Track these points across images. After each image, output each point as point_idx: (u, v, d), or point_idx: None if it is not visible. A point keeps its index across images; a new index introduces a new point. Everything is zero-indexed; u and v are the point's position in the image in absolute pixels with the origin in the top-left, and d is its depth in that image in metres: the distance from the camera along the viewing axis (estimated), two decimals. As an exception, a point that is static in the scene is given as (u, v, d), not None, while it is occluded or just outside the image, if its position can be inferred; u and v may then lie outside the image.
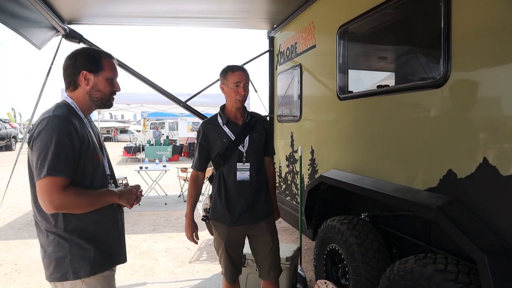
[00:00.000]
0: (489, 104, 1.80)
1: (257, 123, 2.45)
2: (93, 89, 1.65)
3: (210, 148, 2.40)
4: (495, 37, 1.75)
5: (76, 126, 1.54)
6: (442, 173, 2.04)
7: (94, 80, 1.64)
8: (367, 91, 2.93)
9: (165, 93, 4.86)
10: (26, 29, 3.62)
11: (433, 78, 2.17)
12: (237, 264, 2.49)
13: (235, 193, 2.36)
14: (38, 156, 1.46)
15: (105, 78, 1.66)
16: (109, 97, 1.71)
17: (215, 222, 2.43)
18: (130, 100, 9.69)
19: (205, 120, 2.50)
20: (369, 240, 2.66)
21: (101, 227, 1.63)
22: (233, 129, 2.38)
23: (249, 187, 2.37)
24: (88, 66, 1.63)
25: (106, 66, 1.67)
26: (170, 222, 6.28)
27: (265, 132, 2.49)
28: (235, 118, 2.42)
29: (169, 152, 16.36)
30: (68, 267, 1.54)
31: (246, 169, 2.36)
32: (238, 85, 2.32)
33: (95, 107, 1.72)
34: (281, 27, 4.69)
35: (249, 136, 2.39)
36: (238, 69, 2.36)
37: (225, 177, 2.37)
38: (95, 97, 1.67)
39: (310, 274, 3.83)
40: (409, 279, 1.99)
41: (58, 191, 1.44)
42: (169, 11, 4.40)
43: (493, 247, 1.68)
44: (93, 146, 1.62)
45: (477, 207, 1.84)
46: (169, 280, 3.90)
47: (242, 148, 2.36)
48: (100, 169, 1.65)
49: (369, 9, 2.65)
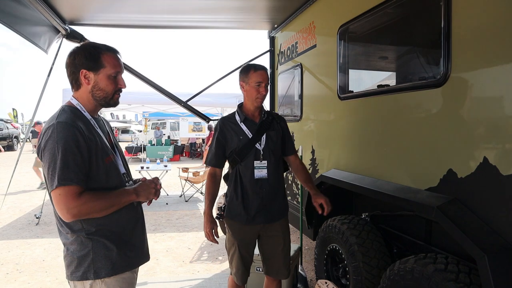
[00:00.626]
0: (490, 104, 1.79)
1: (274, 121, 2.45)
2: (95, 88, 1.58)
3: (226, 144, 2.39)
4: (496, 37, 1.74)
5: (82, 129, 1.50)
6: (442, 172, 2.03)
7: (95, 78, 1.57)
8: (368, 90, 2.93)
9: (166, 93, 4.87)
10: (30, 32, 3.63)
11: (433, 77, 2.17)
12: (248, 264, 2.48)
13: (251, 191, 2.34)
14: (48, 167, 1.43)
15: (106, 75, 1.58)
16: (113, 95, 1.63)
17: (229, 221, 2.42)
18: (131, 100, 9.70)
19: (223, 117, 2.49)
20: (370, 240, 2.66)
21: (124, 226, 1.61)
22: (250, 126, 2.38)
23: (266, 185, 2.35)
24: (87, 64, 1.55)
25: (107, 63, 1.57)
26: (171, 222, 6.29)
27: (282, 130, 2.48)
28: (252, 116, 2.42)
29: (170, 152, 16.37)
30: (90, 266, 1.52)
31: (263, 167, 2.35)
32: (260, 84, 2.32)
33: (100, 106, 1.64)
34: (282, 27, 4.69)
35: (266, 134, 2.39)
36: (260, 69, 2.35)
37: (241, 175, 2.36)
38: (98, 97, 1.60)
39: (310, 274, 3.83)
40: (410, 279, 1.99)
41: (73, 199, 1.42)
42: (170, 12, 4.40)
43: (493, 247, 1.68)
44: (103, 147, 1.58)
45: (477, 206, 1.84)
46: (169, 280, 3.90)
47: (259, 146, 2.36)
48: (114, 169, 1.61)
49: (369, 8, 2.65)
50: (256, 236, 2.46)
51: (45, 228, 5.86)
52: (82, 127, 1.51)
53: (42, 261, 4.44)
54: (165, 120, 20.71)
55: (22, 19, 3.39)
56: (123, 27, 5.00)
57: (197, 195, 8.32)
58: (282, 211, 2.46)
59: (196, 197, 8.25)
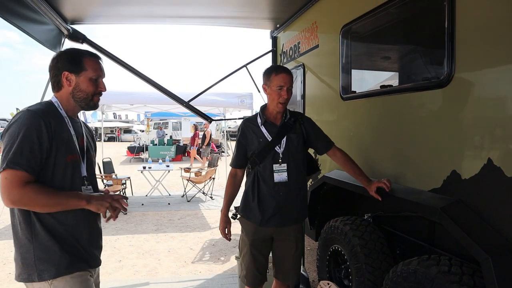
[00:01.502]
0: (494, 104, 1.78)
1: (296, 123, 2.39)
2: (75, 90, 1.66)
3: (247, 146, 2.39)
4: (500, 37, 1.73)
5: (50, 123, 1.53)
6: (446, 173, 2.02)
7: (76, 80, 1.65)
8: (370, 91, 2.91)
9: (168, 93, 4.86)
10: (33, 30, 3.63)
11: (437, 78, 2.15)
12: (260, 267, 2.44)
13: (268, 194, 2.33)
14: (4, 149, 1.46)
15: (87, 78, 1.67)
16: (92, 97, 1.70)
17: (244, 220, 2.43)
18: (133, 100, 9.70)
19: (246, 118, 2.49)
20: (372, 241, 2.65)
21: (69, 229, 1.60)
22: (270, 129, 2.35)
23: (283, 188, 2.33)
24: (69, 67, 1.64)
25: (88, 66, 1.67)
26: (173, 222, 6.28)
27: (305, 132, 2.41)
28: (274, 119, 2.39)
29: (172, 152, 16.39)
30: (33, 268, 1.54)
31: (283, 170, 2.32)
32: (282, 88, 2.27)
33: (79, 107, 1.71)
34: (284, 27, 4.67)
35: (286, 137, 2.35)
36: (282, 71, 2.31)
37: (259, 177, 2.35)
38: (78, 97, 1.67)
39: (313, 275, 3.82)
40: (413, 280, 1.98)
41: (17, 185, 1.43)
42: (172, 10, 4.40)
43: (497, 249, 1.67)
44: (69, 145, 1.61)
45: (481, 208, 1.82)
46: (171, 281, 3.90)
47: (279, 149, 2.33)
48: (74, 168, 1.63)
49: (372, 8, 2.63)
50: (269, 238, 2.44)
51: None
52: (53, 121, 1.56)
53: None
54: (167, 120, 20.74)
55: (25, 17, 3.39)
56: (125, 23, 5.00)
57: (199, 195, 8.32)
58: (298, 216, 2.43)
59: (198, 197, 8.25)
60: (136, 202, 7.77)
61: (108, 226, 5.73)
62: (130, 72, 4.62)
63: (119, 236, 5.46)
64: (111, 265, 4.31)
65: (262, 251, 2.43)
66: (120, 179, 7.61)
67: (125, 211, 1.76)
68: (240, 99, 8.52)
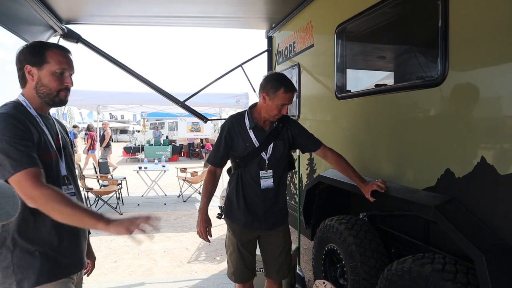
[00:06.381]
0: (487, 103, 1.79)
1: (284, 128, 2.36)
2: (38, 84, 1.54)
3: (232, 146, 2.31)
4: (494, 36, 1.74)
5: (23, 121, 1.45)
6: (440, 172, 2.03)
7: (38, 74, 1.53)
8: (365, 90, 2.92)
9: (163, 93, 4.85)
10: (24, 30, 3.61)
11: (431, 77, 2.16)
12: (249, 263, 2.43)
13: (255, 198, 2.30)
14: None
15: (50, 71, 1.53)
16: (57, 93, 1.56)
17: (229, 221, 2.40)
18: (129, 100, 9.67)
19: (233, 117, 2.38)
20: (367, 240, 2.65)
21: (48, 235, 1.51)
22: (258, 135, 2.30)
23: (270, 194, 2.32)
24: (30, 59, 1.52)
25: (51, 59, 1.53)
26: (169, 222, 6.27)
27: (291, 137, 2.38)
28: (263, 124, 2.33)
29: (168, 152, 16.34)
30: (12, 277, 1.45)
31: (269, 177, 2.30)
32: (284, 106, 2.20)
33: (46, 104, 1.59)
34: (280, 26, 4.68)
35: (273, 144, 2.31)
36: (291, 90, 2.20)
37: (243, 180, 2.32)
38: (41, 93, 1.55)
39: (308, 274, 3.82)
40: (407, 279, 1.98)
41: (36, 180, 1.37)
42: (167, 11, 4.39)
43: (491, 247, 1.68)
44: (45, 144, 1.52)
45: (475, 206, 1.83)
46: (167, 281, 3.88)
47: (265, 155, 2.29)
48: (52, 167, 1.55)
49: (367, 8, 2.64)
50: (256, 237, 2.44)
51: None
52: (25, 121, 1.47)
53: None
54: (163, 120, 20.69)
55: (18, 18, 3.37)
56: (120, 25, 4.99)
57: (195, 195, 8.30)
58: (282, 218, 2.42)
59: (194, 197, 8.23)
60: (132, 202, 7.74)
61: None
62: (126, 72, 4.61)
63: (115, 237, 5.43)
64: (107, 266, 4.29)
65: (249, 249, 2.42)
66: (116, 180, 7.58)
67: (154, 232, 1.66)
68: (236, 99, 8.52)
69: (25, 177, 1.37)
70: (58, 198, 1.39)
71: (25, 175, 1.37)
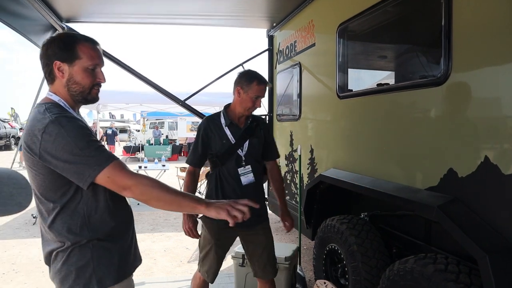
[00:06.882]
0: (491, 103, 1.78)
1: (257, 128, 2.43)
2: (70, 82, 1.41)
3: (209, 145, 2.37)
4: (497, 35, 1.73)
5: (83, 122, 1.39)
6: (442, 172, 2.01)
7: (69, 70, 1.40)
8: (367, 89, 2.91)
9: (164, 92, 4.84)
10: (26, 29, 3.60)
11: (433, 76, 2.15)
12: (221, 263, 2.48)
13: (231, 197, 2.31)
14: (70, 164, 1.29)
15: (82, 68, 1.41)
16: (90, 90, 1.46)
17: (207, 221, 2.39)
18: (129, 100, 9.65)
19: (209, 117, 2.47)
20: (369, 239, 2.64)
21: (121, 229, 1.50)
22: (234, 132, 2.36)
23: (251, 190, 2.34)
24: (61, 55, 1.39)
25: (83, 54, 1.41)
26: (169, 222, 6.26)
27: (264, 138, 2.47)
28: (238, 121, 2.39)
29: (168, 152, 16.33)
30: (92, 276, 1.38)
31: (248, 172, 2.34)
32: (258, 98, 2.31)
33: (77, 102, 1.48)
34: (281, 25, 4.67)
35: (248, 141, 2.37)
36: (264, 83, 2.33)
37: (221, 178, 2.36)
38: (74, 91, 1.43)
39: (309, 274, 3.81)
40: (409, 279, 1.97)
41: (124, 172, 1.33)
42: (167, 10, 4.38)
43: (495, 247, 1.66)
44: None
45: (478, 206, 1.82)
46: (167, 280, 3.87)
47: (241, 152, 2.35)
48: None
49: (369, 7, 2.63)
50: (234, 237, 2.46)
51: (42, 228, 5.82)
52: None
53: (39, 261, 4.40)
54: (163, 120, 20.69)
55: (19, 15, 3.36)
56: (120, 23, 4.98)
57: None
58: (260, 217, 2.42)
59: (194, 196, 8.22)
60: (132, 201, 7.68)
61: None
62: (126, 70, 4.60)
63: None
64: (107, 265, 4.28)
65: (226, 249, 2.45)
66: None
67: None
68: (236, 99, 8.49)
69: (114, 170, 1.31)
70: (154, 185, 1.35)
71: (112, 169, 1.31)
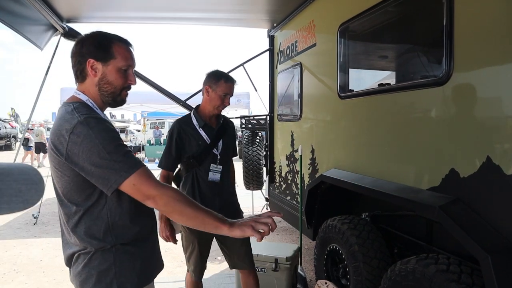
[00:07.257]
0: (493, 103, 1.77)
1: (228, 127, 2.55)
2: (102, 81, 1.39)
3: (183, 148, 2.41)
4: (499, 35, 1.72)
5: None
6: (444, 172, 2.01)
7: (103, 70, 1.38)
8: (368, 89, 2.90)
9: (165, 92, 4.84)
10: (26, 29, 3.60)
11: (435, 76, 2.15)
12: (205, 260, 2.55)
13: (208, 194, 2.41)
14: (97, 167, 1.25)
15: (116, 68, 1.39)
16: (120, 91, 1.44)
17: None
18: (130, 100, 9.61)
19: (180, 120, 2.49)
20: (370, 240, 2.64)
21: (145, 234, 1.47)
22: (208, 132, 2.43)
23: (221, 188, 2.44)
24: (96, 53, 1.37)
25: (118, 54, 1.39)
26: (170, 222, 6.25)
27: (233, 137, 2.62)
28: (210, 121, 2.47)
29: (169, 152, 16.30)
30: (113, 281, 1.35)
31: (218, 171, 2.43)
32: (226, 96, 2.40)
33: (106, 103, 1.45)
34: (281, 25, 4.66)
35: (222, 140, 2.47)
36: (231, 81, 2.43)
37: (199, 179, 2.41)
38: (105, 91, 1.40)
39: (310, 274, 3.80)
40: (411, 279, 1.97)
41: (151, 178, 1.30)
42: (168, 9, 4.37)
43: (497, 248, 1.66)
44: None
45: (480, 206, 1.82)
46: (168, 280, 3.88)
47: (216, 151, 2.44)
48: None
49: (370, 7, 2.63)
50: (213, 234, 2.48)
51: (42, 228, 5.82)
52: None
53: (40, 261, 4.41)
54: (163, 120, 20.68)
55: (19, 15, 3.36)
56: (120, 23, 4.98)
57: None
58: (236, 212, 2.52)
59: (194, 196, 8.22)
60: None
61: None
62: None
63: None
64: (107, 265, 4.28)
65: (208, 247, 2.52)
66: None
67: None
68: (237, 98, 8.51)
69: (140, 178, 1.27)
70: (179, 198, 1.31)
71: (139, 177, 1.27)
